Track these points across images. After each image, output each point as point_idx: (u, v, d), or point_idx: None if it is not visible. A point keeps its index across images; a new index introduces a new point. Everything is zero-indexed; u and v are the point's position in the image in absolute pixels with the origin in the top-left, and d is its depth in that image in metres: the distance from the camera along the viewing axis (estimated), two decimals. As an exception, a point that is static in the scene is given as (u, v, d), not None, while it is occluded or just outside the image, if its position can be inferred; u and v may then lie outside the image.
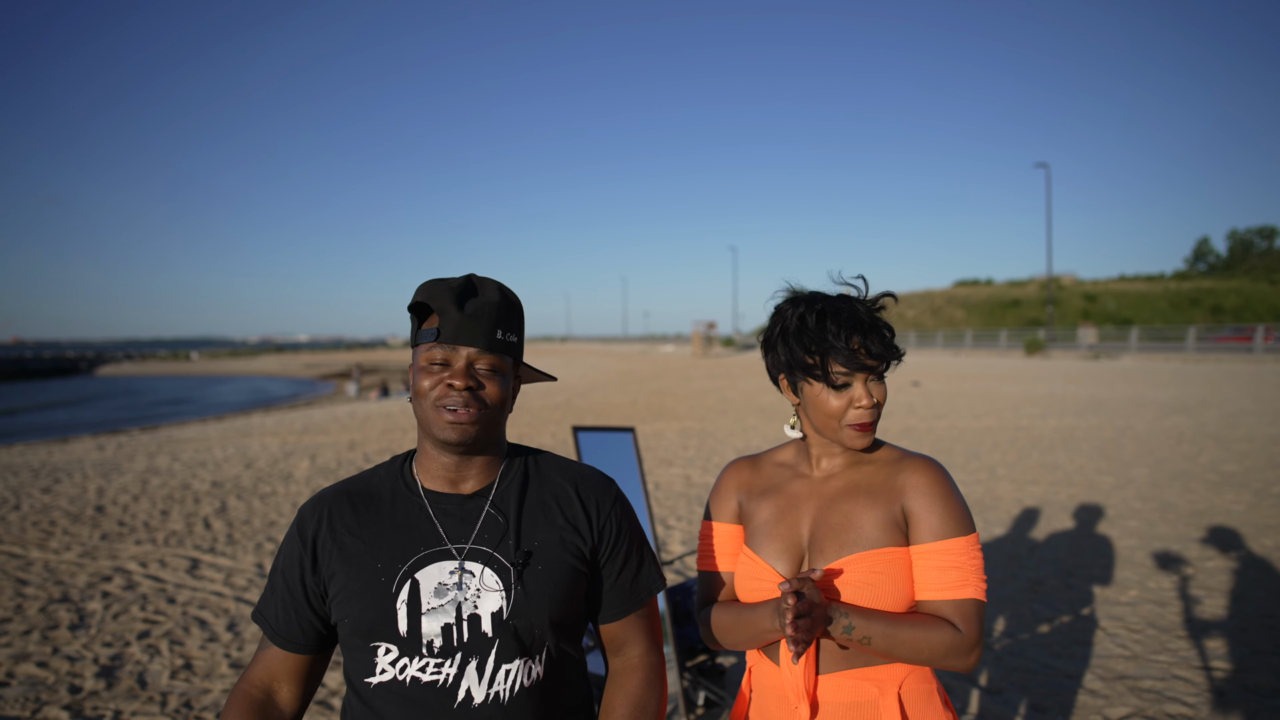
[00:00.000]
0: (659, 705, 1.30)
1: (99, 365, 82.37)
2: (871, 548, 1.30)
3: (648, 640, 1.35)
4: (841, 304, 1.37)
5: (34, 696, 3.57)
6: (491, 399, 1.19)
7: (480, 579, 1.18)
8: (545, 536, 1.24)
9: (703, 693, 3.30)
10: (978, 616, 1.26)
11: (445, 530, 1.21)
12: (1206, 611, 4.32)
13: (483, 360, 1.19)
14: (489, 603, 1.17)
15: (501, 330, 1.20)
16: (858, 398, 1.33)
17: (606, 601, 1.32)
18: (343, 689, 3.62)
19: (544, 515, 1.26)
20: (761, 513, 1.45)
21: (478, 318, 1.18)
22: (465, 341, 1.17)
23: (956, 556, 1.28)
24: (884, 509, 1.33)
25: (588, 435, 3.35)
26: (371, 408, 20.60)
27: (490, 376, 1.20)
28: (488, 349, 1.18)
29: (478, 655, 1.16)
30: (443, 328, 1.17)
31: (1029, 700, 3.36)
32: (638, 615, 1.34)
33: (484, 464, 1.26)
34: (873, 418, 1.34)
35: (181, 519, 7.15)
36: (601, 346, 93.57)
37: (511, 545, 1.21)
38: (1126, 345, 35.70)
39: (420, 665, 1.15)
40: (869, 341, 1.32)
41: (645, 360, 45.05)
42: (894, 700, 1.29)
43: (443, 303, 1.17)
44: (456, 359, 1.18)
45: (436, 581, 1.17)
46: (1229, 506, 6.67)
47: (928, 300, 74.01)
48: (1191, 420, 12.29)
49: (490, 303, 1.19)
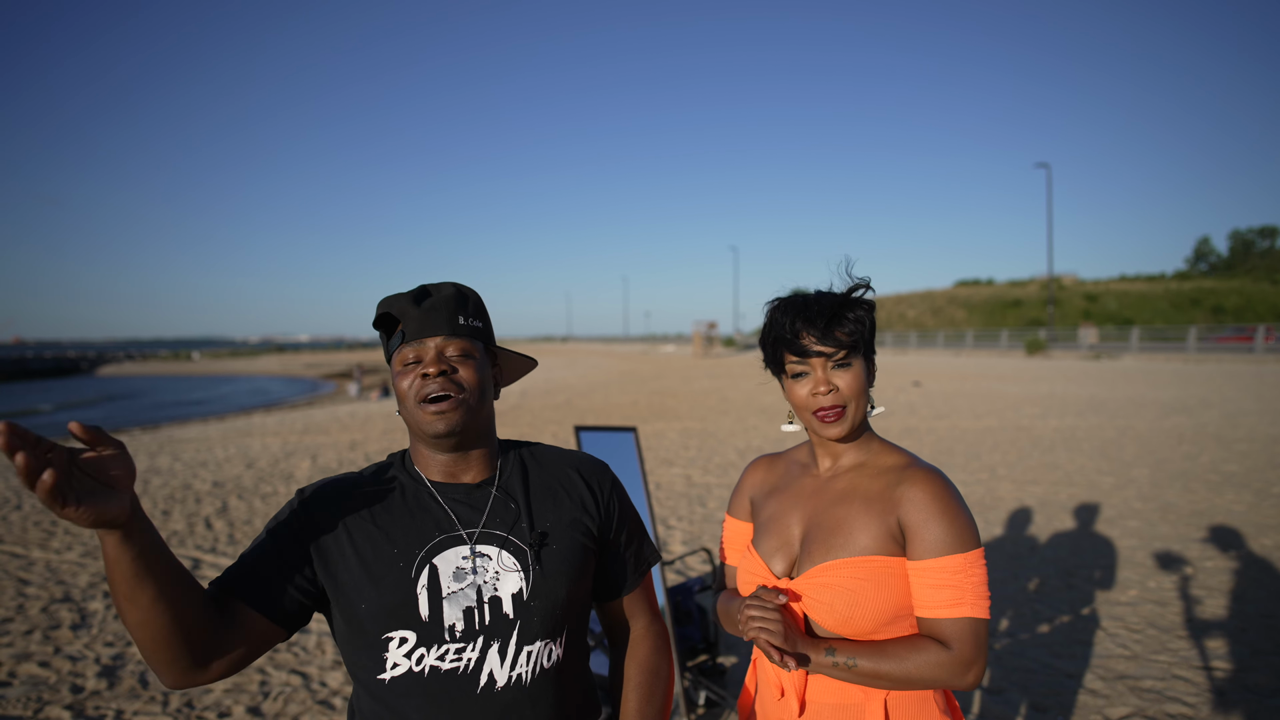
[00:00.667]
0: (670, 669, 1.39)
1: (100, 365, 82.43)
2: (858, 554, 1.31)
3: (651, 611, 1.42)
4: (803, 297, 1.41)
5: (36, 696, 3.58)
6: (468, 383, 1.20)
7: (497, 561, 1.20)
8: (556, 517, 1.27)
9: (703, 692, 3.31)
10: (973, 635, 1.25)
11: (457, 516, 1.22)
12: (1207, 611, 4.32)
13: (450, 346, 1.21)
14: (508, 584, 1.19)
15: (462, 316, 1.23)
16: (815, 384, 1.36)
17: (615, 578, 1.36)
18: (344, 688, 3.63)
19: (551, 498, 1.29)
20: (767, 509, 1.49)
21: (436, 309, 1.21)
22: (429, 332, 1.20)
23: (951, 575, 1.26)
24: (878, 518, 1.33)
25: (589, 435, 3.35)
26: (372, 408, 20.61)
27: (462, 361, 1.21)
28: (452, 334, 1.21)
29: (500, 638, 1.17)
30: (406, 328, 1.21)
31: (1029, 700, 3.36)
32: (641, 589, 1.40)
33: (481, 457, 1.27)
34: (834, 403, 1.35)
35: (183, 519, 7.16)
36: (603, 346, 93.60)
37: (525, 527, 1.23)
38: (1127, 345, 35.69)
39: (440, 653, 1.15)
40: (820, 330, 1.34)
41: (646, 360, 45.05)
42: (879, 705, 1.30)
43: (401, 306, 1.21)
44: (425, 351, 1.20)
45: (454, 566, 1.18)
46: (1230, 507, 6.67)
47: (929, 300, 74.04)
48: (1192, 420, 12.29)
49: (445, 295, 1.23)
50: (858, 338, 1.36)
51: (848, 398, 1.35)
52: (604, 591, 1.37)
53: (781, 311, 1.40)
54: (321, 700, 3.52)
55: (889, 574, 1.29)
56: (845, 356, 1.35)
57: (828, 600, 1.30)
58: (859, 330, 1.36)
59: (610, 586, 1.36)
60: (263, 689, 3.64)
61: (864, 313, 1.38)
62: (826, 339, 1.34)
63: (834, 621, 1.30)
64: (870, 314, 1.40)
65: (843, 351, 1.35)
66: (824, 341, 1.34)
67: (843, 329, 1.35)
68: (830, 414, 1.36)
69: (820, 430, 1.38)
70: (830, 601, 1.30)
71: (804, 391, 1.37)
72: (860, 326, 1.36)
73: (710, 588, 3.55)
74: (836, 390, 1.35)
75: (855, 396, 1.36)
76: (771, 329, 1.41)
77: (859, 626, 1.29)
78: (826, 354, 1.35)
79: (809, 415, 1.38)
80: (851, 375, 1.35)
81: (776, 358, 1.41)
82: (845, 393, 1.35)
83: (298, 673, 3.82)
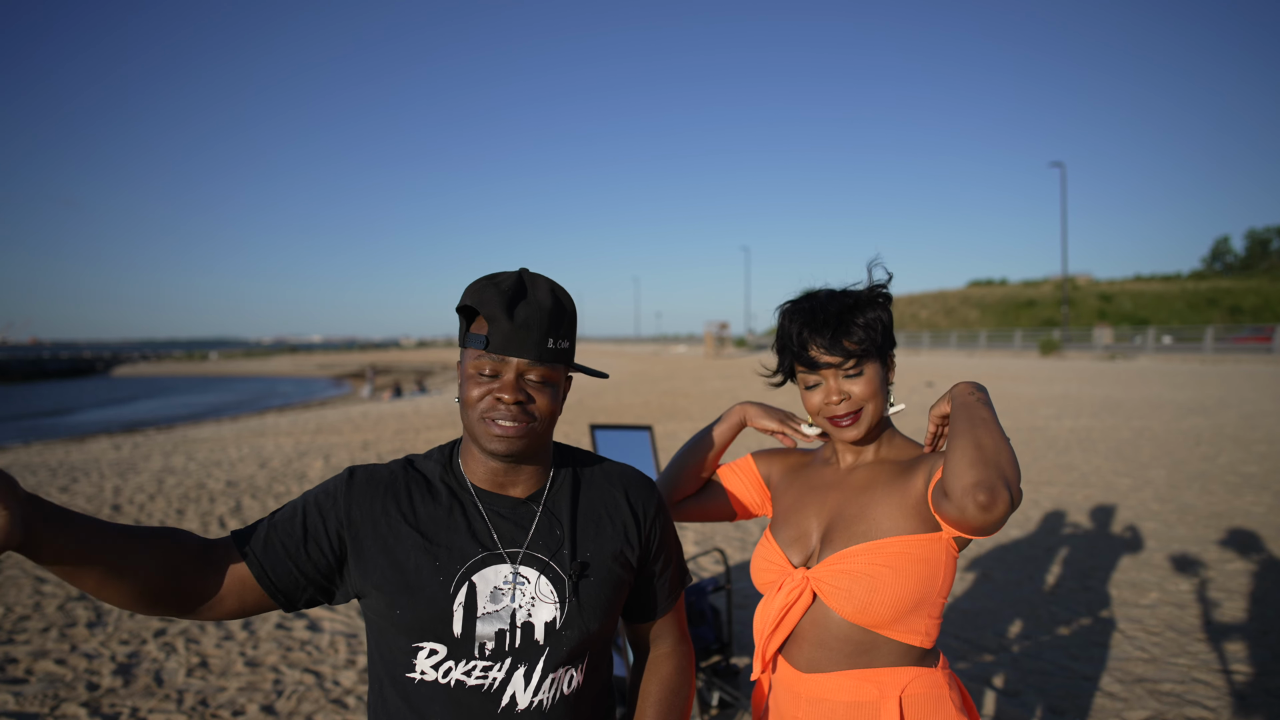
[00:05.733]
0: (690, 690, 1.37)
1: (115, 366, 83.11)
2: (879, 538, 1.29)
3: (680, 631, 1.39)
4: (809, 304, 1.38)
5: (53, 693, 3.61)
6: (542, 412, 1.15)
7: (535, 586, 1.17)
8: (598, 547, 1.23)
9: (717, 693, 3.29)
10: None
11: (499, 533, 1.18)
12: (1226, 614, 4.27)
13: (534, 371, 1.13)
14: (543, 612, 1.16)
15: (553, 339, 1.13)
16: (828, 394, 1.35)
17: (646, 604, 1.34)
18: (358, 687, 3.64)
19: (595, 525, 1.25)
20: (786, 497, 1.49)
21: (528, 327, 1.10)
22: (515, 352, 1.11)
23: None
24: (899, 498, 1.31)
25: (605, 433, 3.35)
26: (385, 408, 20.69)
27: (541, 389, 1.14)
28: (538, 360, 1.12)
29: (527, 662, 1.15)
30: (491, 336, 1.10)
31: (1046, 703, 3.33)
32: (673, 612, 1.37)
33: (533, 472, 1.23)
34: (848, 410, 1.34)
35: (197, 518, 7.20)
36: (614, 347, 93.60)
37: (567, 555, 1.20)
38: (1143, 346, 35.38)
39: (467, 668, 1.13)
40: (827, 340, 1.32)
41: (658, 361, 45.00)
42: (894, 704, 1.28)
43: (492, 309, 1.10)
44: (506, 370, 1.12)
45: (492, 586, 1.15)
46: (1248, 508, 6.59)
47: (942, 300, 73.65)
48: (1210, 421, 12.16)
49: (542, 308, 1.12)
50: (869, 344, 1.33)
51: (863, 401, 1.34)
52: (635, 614, 1.35)
53: (789, 319, 1.38)
54: (335, 699, 3.52)
55: (910, 558, 1.26)
56: (856, 365, 1.33)
57: (845, 586, 1.28)
58: (870, 336, 1.33)
59: (642, 610, 1.34)
60: (276, 688, 3.65)
61: (875, 315, 1.35)
62: (835, 349, 1.32)
63: (852, 609, 1.28)
64: (885, 314, 1.37)
65: (852, 360, 1.32)
66: (832, 352, 1.32)
67: (851, 337, 1.32)
68: (846, 419, 1.34)
69: (838, 435, 1.37)
70: (848, 587, 1.28)
71: (818, 400, 1.37)
72: (871, 332, 1.33)
73: (723, 588, 3.53)
74: (850, 397, 1.34)
75: (870, 398, 1.34)
76: (780, 338, 1.40)
77: (877, 614, 1.27)
78: (835, 364, 1.33)
79: (824, 421, 1.38)
80: (865, 381, 1.33)
81: (788, 367, 1.40)
82: (860, 397, 1.34)
83: (311, 671, 3.83)
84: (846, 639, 1.31)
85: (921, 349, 48.64)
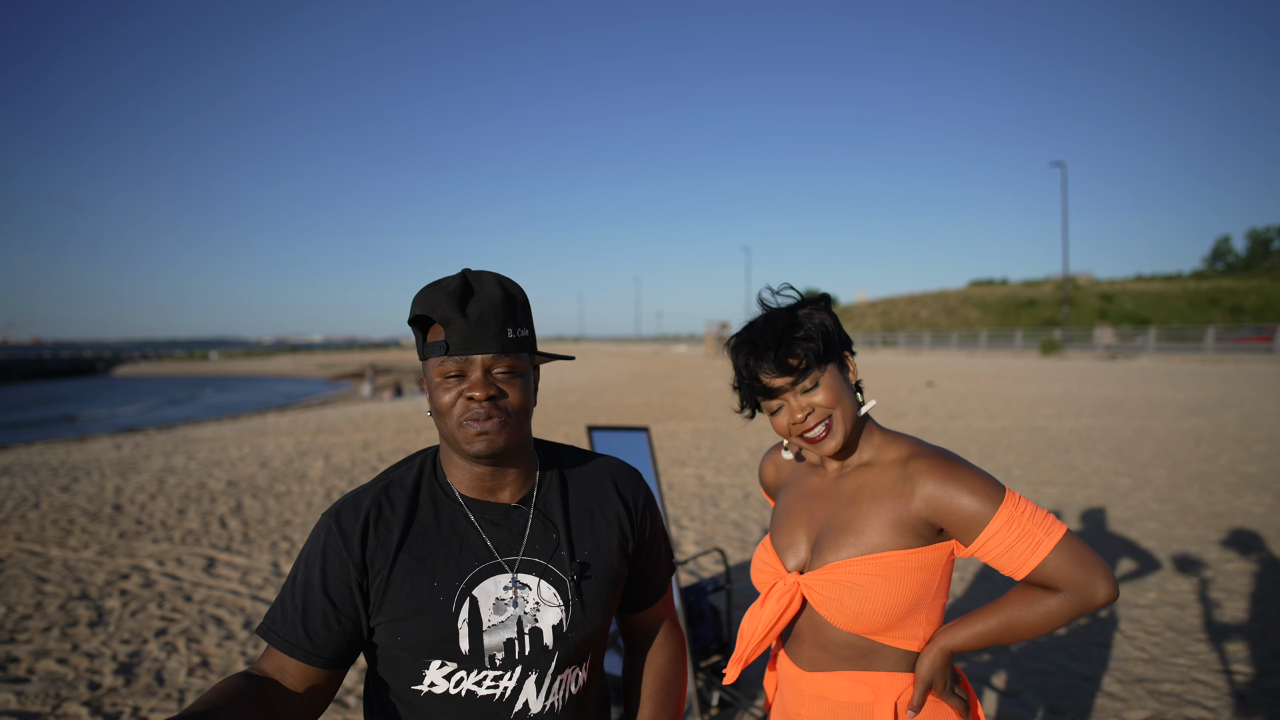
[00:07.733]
0: (684, 675, 1.40)
1: (116, 365, 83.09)
2: (869, 551, 1.29)
3: (670, 618, 1.42)
4: (749, 334, 1.37)
5: (54, 693, 3.61)
6: (515, 405, 1.13)
7: (538, 592, 1.16)
8: (594, 543, 1.23)
9: (717, 693, 3.30)
10: (1070, 558, 1.21)
11: (494, 542, 1.17)
12: (1226, 615, 4.27)
13: (499, 364, 1.12)
14: (549, 616, 1.16)
15: (511, 328, 1.12)
16: (791, 413, 1.33)
17: (641, 592, 1.34)
18: (357, 686, 3.64)
19: (589, 521, 1.25)
20: (781, 503, 1.50)
21: (484, 321, 1.10)
22: (477, 349, 1.10)
23: (1009, 531, 1.23)
24: (889, 512, 1.30)
25: (602, 434, 3.35)
26: (385, 408, 20.69)
27: (510, 381, 1.13)
28: (501, 351, 1.11)
29: (538, 668, 1.15)
30: (450, 339, 1.10)
31: (1046, 703, 3.33)
32: (663, 599, 1.39)
33: (518, 473, 1.21)
34: (816, 420, 1.32)
35: (198, 518, 7.21)
36: (614, 347, 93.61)
37: (565, 557, 1.19)
38: (1144, 345, 35.37)
39: (478, 679, 1.13)
40: (773, 363, 1.31)
41: (658, 360, 45.02)
42: (889, 709, 1.29)
43: (445, 311, 1.09)
44: (471, 369, 1.11)
45: (494, 598, 1.14)
46: (1249, 509, 6.59)
47: (942, 300, 73.61)
48: (1210, 421, 12.15)
49: (493, 301, 1.11)
50: (814, 354, 1.31)
51: (829, 408, 1.32)
52: (629, 605, 1.35)
53: (735, 354, 1.37)
54: (335, 699, 3.53)
55: (902, 569, 1.27)
56: (810, 377, 1.32)
57: (837, 597, 1.29)
58: (813, 347, 1.32)
59: (636, 600, 1.35)
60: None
61: (815, 324, 1.34)
62: (783, 369, 1.31)
63: (845, 618, 1.29)
64: (825, 316, 1.35)
65: (806, 375, 1.31)
66: (782, 373, 1.31)
67: (794, 354, 1.31)
68: (818, 431, 1.33)
69: (818, 450, 1.35)
70: (840, 598, 1.28)
71: (784, 422, 1.35)
72: (813, 342, 1.32)
73: (723, 588, 3.53)
74: (814, 409, 1.32)
75: (836, 403, 1.32)
76: (735, 374, 1.39)
77: (871, 623, 1.27)
78: (789, 384, 1.32)
79: (799, 440, 1.36)
80: (824, 389, 1.32)
81: (751, 400, 1.39)
82: (824, 405, 1.32)
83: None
84: (845, 643, 1.32)
85: (922, 349, 48.62)
